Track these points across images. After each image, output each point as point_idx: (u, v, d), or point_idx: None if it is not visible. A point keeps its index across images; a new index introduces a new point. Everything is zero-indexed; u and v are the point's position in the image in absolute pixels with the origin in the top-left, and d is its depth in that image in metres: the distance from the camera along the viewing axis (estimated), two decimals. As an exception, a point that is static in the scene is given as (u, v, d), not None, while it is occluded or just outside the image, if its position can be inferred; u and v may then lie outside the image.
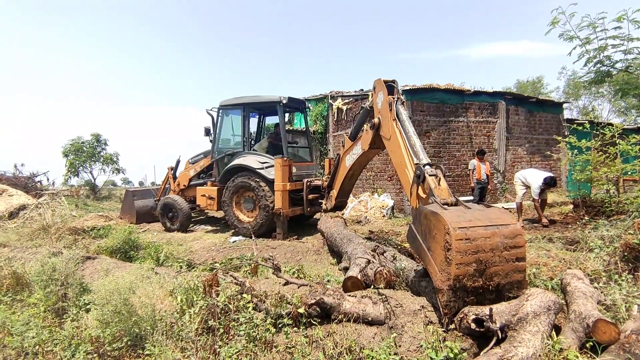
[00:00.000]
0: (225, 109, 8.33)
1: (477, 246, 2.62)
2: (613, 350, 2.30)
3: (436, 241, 2.80)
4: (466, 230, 2.63)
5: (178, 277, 4.18)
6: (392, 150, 4.31)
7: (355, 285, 3.52)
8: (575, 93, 30.88)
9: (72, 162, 16.53)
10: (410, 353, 2.57)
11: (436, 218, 2.80)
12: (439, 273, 2.75)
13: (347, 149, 5.85)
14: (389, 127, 4.30)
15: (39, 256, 4.99)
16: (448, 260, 2.63)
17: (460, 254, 2.58)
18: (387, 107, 4.32)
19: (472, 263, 2.61)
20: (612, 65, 6.12)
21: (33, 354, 3.23)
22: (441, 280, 2.71)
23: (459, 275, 2.60)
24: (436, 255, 2.81)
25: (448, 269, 2.64)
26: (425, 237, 3.01)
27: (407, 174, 3.88)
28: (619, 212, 6.03)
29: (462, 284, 2.63)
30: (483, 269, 2.64)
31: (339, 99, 12.35)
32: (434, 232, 2.83)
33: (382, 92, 4.51)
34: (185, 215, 8.56)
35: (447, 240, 2.64)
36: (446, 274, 2.67)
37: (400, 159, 4.05)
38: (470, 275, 2.62)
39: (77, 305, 3.82)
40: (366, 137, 5.02)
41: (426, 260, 2.99)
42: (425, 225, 3.00)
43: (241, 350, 2.83)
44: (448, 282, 2.65)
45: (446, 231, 2.65)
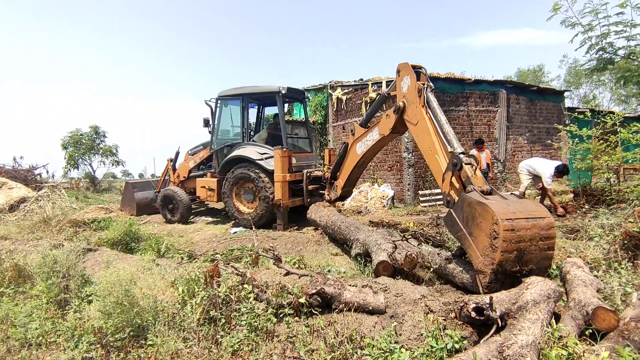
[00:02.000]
0: (224, 100, 8.26)
1: (519, 236, 2.92)
2: (612, 337, 2.31)
3: (480, 228, 3.08)
4: (512, 222, 2.92)
5: (179, 268, 4.20)
6: (419, 135, 4.42)
7: (386, 269, 3.71)
8: (576, 81, 30.67)
9: (72, 155, 16.47)
10: (410, 341, 2.59)
11: (483, 208, 3.07)
12: (482, 257, 3.05)
13: (358, 137, 5.88)
14: (417, 113, 4.40)
15: (40, 249, 5.00)
16: (494, 247, 2.93)
17: (506, 242, 2.87)
18: (416, 92, 4.41)
19: (514, 251, 2.92)
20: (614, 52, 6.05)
21: (36, 345, 3.26)
22: (484, 263, 3.02)
23: (502, 261, 2.91)
24: (479, 240, 3.09)
25: (493, 254, 2.94)
26: (467, 223, 3.27)
27: (437, 160, 4.04)
28: (619, 200, 6.03)
29: (503, 268, 2.94)
30: (521, 256, 2.95)
31: (339, 88, 12.25)
32: (479, 220, 3.10)
33: (408, 76, 4.56)
34: (185, 206, 8.56)
35: (494, 229, 2.92)
36: (490, 259, 2.96)
37: (429, 145, 4.19)
38: (511, 261, 2.93)
39: (79, 297, 3.84)
40: (387, 122, 5.07)
41: (466, 243, 3.26)
42: (468, 212, 3.26)
43: (243, 340, 2.86)
44: (492, 266, 2.95)
45: (494, 221, 2.93)
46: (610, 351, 2.12)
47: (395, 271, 3.81)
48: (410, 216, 8.04)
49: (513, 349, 2.13)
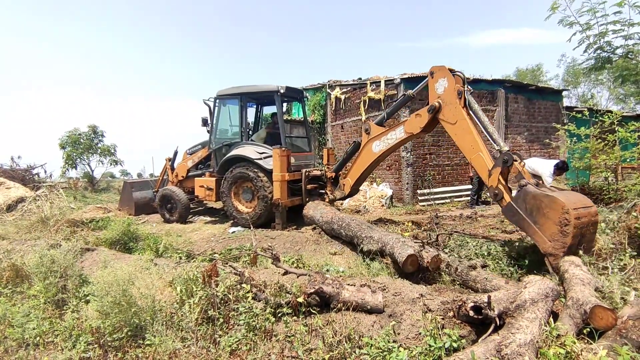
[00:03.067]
0: (223, 99, 8.24)
1: (582, 222, 3.46)
2: (610, 335, 2.31)
3: (547, 217, 3.58)
4: (577, 211, 3.45)
5: (177, 267, 4.19)
6: (458, 134, 4.74)
7: (413, 263, 3.89)
8: (574, 81, 30.73)
9: (70, 154, 16.43)
10: (409, 340, 2.58)
11: (551, 199, 3.57)
12: (550, 242, 3.56)
13: (375, 136, 5.96)
14: (456, 113, 4.73)
15: (37, 248, 4.98)
16: (564, 233, 3.44)
17: (575, 229, 3.40)
18: (454, 93, 4.74)
19: (579, 235, 3.46)
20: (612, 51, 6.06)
21: (34, 345, 3.25)
22: (554, 247, 3.53)
23: (572, 245, 3.44)
24: (546, 228, 3.60)
25: (564, 239, 3.45)
26: (531, 213, 3.76)
27: (482, 157, 4.44)
28: (617, 199, 6.04)
29: (571, 250, 3.44)
30: (581, 239, 3.51)
31: (337, 88, 12.24)
32: (546, 210, 3.60)
33: (445, 78, 4.88)
34: (183, 206, 8.54)
35: (566, 218, 3.42)
36: (561, 243, 3.48)
37: (471, 144, 4.57)
38: (575, 244, 3.46)
39: (77, 297, 3.83)
40: (417, 121, 5.28)
41: (531, 231, 3.77)
42: (533, 204, 3.75)
43: (241, 339, 2.85)
44: (563, 249, 3.45)
45: (565, 211, 3.43)
46: (608, 350, 2.12)
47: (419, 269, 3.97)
48: (408, 215, 8.04)
49: (511, 347, 2.13)
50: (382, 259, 4.40)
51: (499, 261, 4.23)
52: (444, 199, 9.84)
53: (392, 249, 4.16)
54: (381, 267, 4.27)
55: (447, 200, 9.80)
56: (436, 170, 10.06)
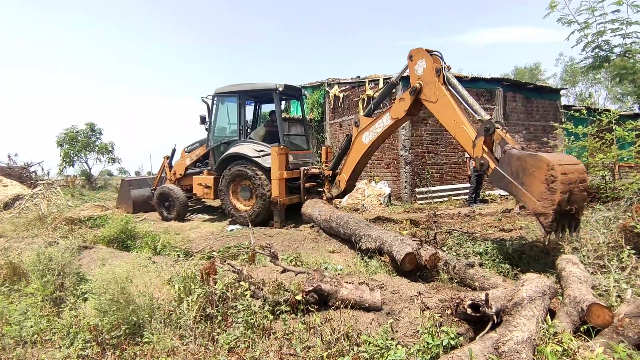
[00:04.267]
0: (221, 97, 8.23)
1: (569, 179, 3.38)
2: (606, 333, 2.33)
3: (533, 177, 3.51)
4: (563, 167, 3.38)
5: (175, 265, 4.19)
6: (440, 111, 4.77)
7: (412, 261, 3.87)
8: (572, 79, 30.81)
9: (67, 152, 16.40)
10: (406, 338, 2.59)
11: (535, 158, 3.52)
12: (539, 201, 3.46)
13: (363, 127, 6.04)
14: (436, 91, 4.76)
15: (35, 246, 4.96)
16: (552, 190, 3.35)
17: (563, 184, 3.32)
18: (433, 72, 4.78)
19: (567, 192, 3.37)
20: (610, 50, 6.06)
21: (31, 343, 3.24)
22: (544, 206, 3.43)
23: (561, 201, 3.34)
24: (533, 188, 3.52)
25: (552, 196, 3.36)
26: (517, 175, 3.69)
27: (465, 130, 4.42)
28: (614, 198, 6.07)
29: (561, 207, 3.37)
30: (571, 196, 3.41)
31: (336, 86, 12.23)
32: (531, 169, 3.53)
33: (423, 59, 4.93)
34: (181, 204, 8.53)
35: (552, 174, 3.34)
36: (550, 201, 3.38)
37: (454, 118, 4.57)
38: (564, 201, 3.37)
39: (74, 295, 3.82)
40: (401, 105, 5.35)
41: (519, 193, 3.70)
42: (517, 165, 3.69)
43: (239, 337, 2.85)
44: (553, 206, 3.36)
45: (550, 167, 3.35)
46: (605, 347, 2.14)
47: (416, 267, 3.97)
48: (407, 214, 8.05)
49: (508, 345, 2.14)
50: (380, 257, 4.40)
51: (497, 259, 4.24)
52: (442, 197, 9.86)
53: (390, 247, 4.17)
54: (379, 265, 4.28)
55: (445, 199, 9.82)
56: (434, 169, 10.08)
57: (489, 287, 3.32)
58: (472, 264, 3.71)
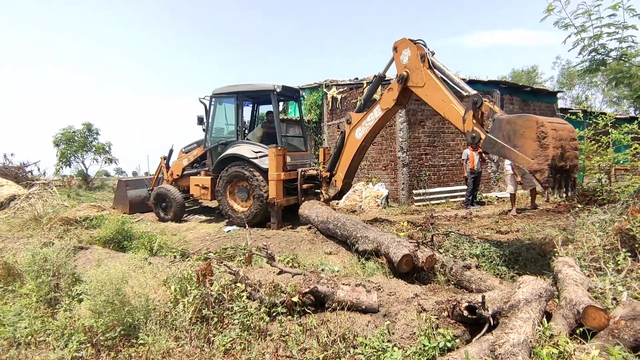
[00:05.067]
0: (219, 98, 8.21)
1: (560, 135, 3.47)
2: (602, 336, 2.33)
3: (525, 137, 3.57)
4: (552, 124, 3.49)
5: (172, 266, 4.17)
6: (429, 94, 4.88)
7: (408, 263, 3.86)
8: (569, 83, 30.99)
9: (64, 152, 16.32)
10: (403, 340, 2.59)
11: (525, 119, 3.62)
12: (533, 159, 3.51)
13: (355, 123, 6.14)
14: (423, 75, 4.90)
15: (30, 246, 4.93)
16: (544, 146, 3.41)
17: (554, 139, 3.39)
18: (418, 59, 4.92)
19: (559, 147, 3.44)
20: (606, 53, 6.09)
21: (25, 344, 3.21)
22: (538, 163, 3.47)
23: (554, 156, 3.40)
24: (526, 147, 3.57)
25: (545, 152, 3.42)
26: (509, 138, 3.75)
27: (454, 108, 4.54)
28: (610, 200, 6.09)
29: (555, 163, 3.41)
30: (563, 153, 3.48)
31: (334, 87, 12.24)
32: (522, 130, 3.60)
33: (408, 48, 5.08)
34: (178, 205, 8.50)
35: (542, 131, 3.41)
36: (543, 157, 3.43)
37: (442, 98, 4.69)
38: (558, 157, 3.43)
39: (69, 296, 3.79)
40: (390, 95, 5.48)
41: (513, 155, 3.75)
42: (508, 129, 3.76)
43: (235, 338, 2.84)
44: (547, 162, 3.41)
45: (540, 124, 3.44)
46: (601, 350, 2.14)
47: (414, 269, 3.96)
48: (404, 215, 8.06)
49: (505, 347, 2.14)
50: (377, 259, 4.40)
51: (493, 261, 4.25)
52: (439, 199, 9.87)
53: (387, 249, 4.17)
54: (376, 267, 4.28)
55: (442, 201, 9.83)
56: (432, 171, 10.09)
57: (486, 289, 3.33)
58: (469, 266, 3.71)
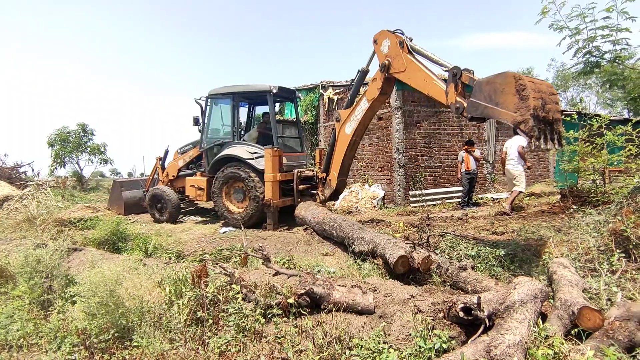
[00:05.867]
0: (215, 98, 8.18)
1: (538, 88, 3.60)
2: (597, 336, 2.34)
3: (505, 93, 3.69)
4: (529, 77, 3.66)
5: (167, 268, 4.14)
6: (411, 77, 5.04)
7: (404, 264, 3.88)
8: (563, 84, 31.21)
9: (58, 153, 16.19)
10: (399, 342, 2.58)
11: (503, 76, 3.72)
12: (516, 112, 3.59)
13: (344, 120, 6.28)
14: (403, 60, 5.09)
15: (23, 248, 4.88)
16: (524, 97, 3.51)
17: (533, 91, 3.50)
18: (397, 46, 5.12)
19: (539, 98, 3.54)
20: (600, 56, 6.13)
21: (17, 347, 3.18)
22: (521, 114, 3.54)
23: (535, 106, 3.48)
24: (508, 102, 3.67)
25: (526, 103, 3.50)
26: (490, 98, 3.85)
27: (436, 84, 4.67)
28: (604, 201, 6.13)
29: (537, 112, 3.50)
30: (544, 104, 3.58)
31: (330, 88, 12.25)
32: (502, 87, 3.71)
33: (387, 38, 5.28)
34: (174, 206, 8.45)
35: (521, 84, 3.53)
36: (525, 107, 3.51)
37: (424, 77, 4.86)
38: (539, 107, 3.52)
39: (62, 298, 3.76)
40: (375, 84, 5.65)
41: (496, 113, 3.82)
42: (489, 89, 3.86)
43: (230, 340, 2.82)
44: (529, 112, 3.47)
45: (518, 78, 3.57)
46: (596, 350, 2.14)
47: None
48: (400, 216, 8.07)
49: (500, 348, 2.14)
50: (373, 260, 4.40)
51: (489, 262, 4.26)
52: (435, 200, 9.89)
53: (383, 250, 4.17)
54: (372, 268, 4.27)
55: (438, 202, 9.85)
56: (428, 172, 10.12)
57: (481, 290, 3.33)
58: (465, 267, 3.72)
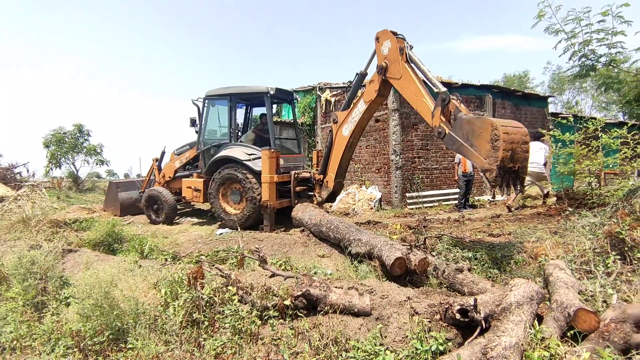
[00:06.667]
0: (212, 100, 8.17)
1: (511, 138, 3.75)
2: (593, 338, 2.34)
3: (481, 137, 3.86)
4: (506, 127, 3.76)
5: (162, 269, 4.12)
6: (404, 87, 5.08)
7: (401, 266, 3.89)
8: (559, 88, 31.40)
9: (54, 153, 16.08)
10: (395, 343, 2.58)
11: (482, 121, 3.88)
12: (486, 159, 3.82)
13: (342, 121, 6.25)
14: (400, 68, 5.08)
15: (17, 249, 4.83)
16: (496, 148, 3.72)
17: (505, 142, 3.68)
18: (397, 51, 5.08)
19: (510, 150, 3.73)
20: (596, 59, 6.19)
21: (10, 350, 3.15)
22: (489, 163, 3.79)
23: (503, 158, 3.70)
24: (481, 147, 3.87)
25: (496, 154, 3.71)
26: (467, 137, 4.02)
27: (425, 102, 4.73)
28: (600, 204, 6.16)
29: (504, 164, 3.72)
30: (513, 155, 3.78)
31: (327, 90, 12.27)
32: (479, 131, 3.87)
33: (389, 40, 5.23)
34: (170, 207, 8.42)
35: (495, 134, 3.70)
36: (494, 158, 3.74)
37: (415, 92, 4.90)
38: (508, 159, 3.74)
39: (57, 299, 3.73)
40: (372, 86, 5.63)
41: (469, 154, 4.04)
42: (468, 129, 4.02)
43: (226, 342, 2.81)
44: (496, 162, 3.72)
45: (494, 128, 3.72)
46: (591, 352, 2.15)
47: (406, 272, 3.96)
48: (397, 218, 8.07)
49: (497, 350, 2.14)
50: (370, 262, 4.40)
51: (486, 264, 4.26)
52: (432, 202, 9.91)
53: (380, 252, 4.16)
54: (369, 270, 4.27)
55: (435, 204, 9.87)
56: (425, 174, 10.14)
57: (478, 292, 3.33)
58: (461, 268, 3.72)
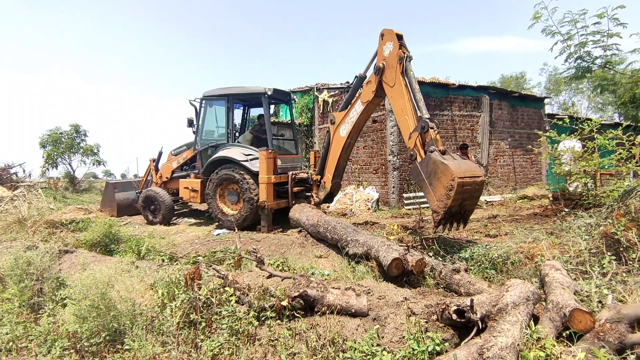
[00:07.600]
0: (209, 100, 8.16)
1: (465, 190, 4.14)
2: (588, 338, 2.36)
3: (440, 181, 4.19)
4: (463, 179, 4.07)
5: (159, 270, 4.11)
6: (394, 97, 5.19)
7: (398, 266, 3.93)
8: (556, 89, 31.55)
9: (50, 154, 15.99)
10: (392, 344, 2.58)
11: (445, 167, 4.15)
12: (437, 201, 4.23)
13: (339, 122, 6.32)
14: (395, 76, 5.16)
15: (13, 250, 4.81)
16: (448, 196, 4.09)
17: (457, 194, 4.07)
18: (396, 58, 5.13)
19: (460, 199, 4.14)
20: (592, 61, 6.22)
21: (6, 351, 3.13)
22: (439, 206, 4.22)
23: (452, 205, 4.14)
24: (437, 190, 4.23)
25: (447, 201, 4.12)
26: (429, 176, 4.34)
27: (407, 121, 4.90)
28: (596, 205, 6.19)
29: (451, 211, 4.20)
30: (463, 202, 4.28)
31: (325, 91, 12.28)
32: (440, 175, 4.19)
33: (392, 42, 5.25)
34: (167, 207, 8.40)
35: (452, 184, 4.05)
36: (444, 204, 4.15)
37: (402, 107, 5.01)
38: (455, 206, 4.19)
39: (53, 300, 3.71)
40: (369, 87, 5.69)
41: (426, 191, 4.40)
42: (432, 168, 4.31)
43: (223, 343, 2.80)
44: (444, 208, 4.16)
45: (452, 179, 4.05)
46: (587, 352, 2.16)
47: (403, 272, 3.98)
48: (394, 219, 8.08)
49: (493, 350, 2.15)
50: (367, 262, 4.40)
51: (482, 264, 4.28)
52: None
53: (377, 253, 4.17)
54: (366, 271, 4.28)
55: (432, 204, 9.89)
56: (422, 175, 10.16)
57: (475, 292, 3.34)
58: (458, 269, 3.73)
